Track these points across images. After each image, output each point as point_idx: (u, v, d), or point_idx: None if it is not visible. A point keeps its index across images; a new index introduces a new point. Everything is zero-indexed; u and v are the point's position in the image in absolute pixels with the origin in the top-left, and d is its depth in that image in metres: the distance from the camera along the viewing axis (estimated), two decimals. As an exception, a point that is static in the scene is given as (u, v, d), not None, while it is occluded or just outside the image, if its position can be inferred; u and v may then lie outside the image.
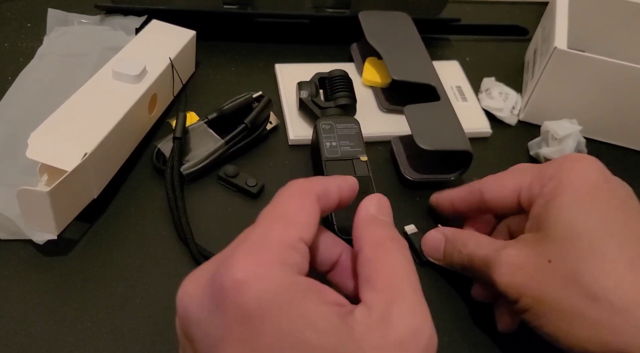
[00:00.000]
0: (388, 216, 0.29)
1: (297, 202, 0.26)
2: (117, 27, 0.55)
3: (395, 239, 0.28)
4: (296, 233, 0.25)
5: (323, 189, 0.28)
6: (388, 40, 0.53)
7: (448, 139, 0.45)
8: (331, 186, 0.29)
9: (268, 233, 0.25)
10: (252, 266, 0.23)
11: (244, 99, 0.48)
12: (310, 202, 0.27)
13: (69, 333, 0.36)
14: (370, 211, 0.29)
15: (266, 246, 0.24)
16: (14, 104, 0.47)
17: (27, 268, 0.39)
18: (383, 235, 0.28)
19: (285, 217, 0.25)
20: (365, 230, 0.28)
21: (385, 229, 0.28)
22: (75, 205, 0.39)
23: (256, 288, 0.22)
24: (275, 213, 0.26)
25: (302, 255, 0.25)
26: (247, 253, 0.23)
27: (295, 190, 0.27)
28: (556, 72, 0.50)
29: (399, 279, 0.26)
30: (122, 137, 0.43)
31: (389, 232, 0.28)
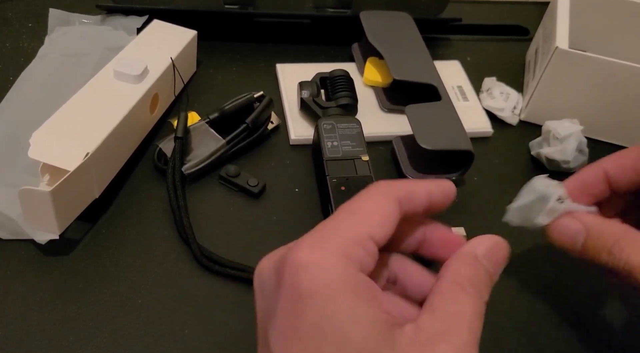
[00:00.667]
0: (493, 264, 0.27)
1: (374, 201, 0.26)
2: (118, 27, 0.55)
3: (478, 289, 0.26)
4: (366, 230, 0.25)
5: (407, 192, 0.27)
6: (389, 40, 0.53)
7: (449, 139, 0.45)
8: (418, 190, 0.27)
9: (338, 225, 0.25)
10: (314, 253, 0.24)
11: (245, 98, 0.48)
12: (388, 204, 0.26)
13: (70, 332, 0.36)
14: (476, 250, 0.27)
15: (333, 237, 0.25)
16: (16, 103, 0.47)
17: (29, 268, 0.39)
18: (469, 278, 0.26)
19: (359, 213, 0.26)
20: (459, 264, 0.27)
21: (475, 274, 0.26)
22: (76, 205, 0.39)
23: (311, 273, 0.23)
24: (350, 208, 0.26)
25: (368, 253, 0.25)
26: (314, 240, 0.25)
27: (377, 190, 0.27)
28: (557, 72, 0.50)
29: (462, 319, 0.25)
30: (123, 137, 0.43)
31: (476, 279, 0.26)
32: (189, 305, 0.38)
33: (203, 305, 0.38)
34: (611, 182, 0.33)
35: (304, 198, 0.45)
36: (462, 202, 0.46)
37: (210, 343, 0.36)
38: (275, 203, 0.45)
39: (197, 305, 0.38)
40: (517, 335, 0.38)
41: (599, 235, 0.32)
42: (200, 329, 0.37)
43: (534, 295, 0.41)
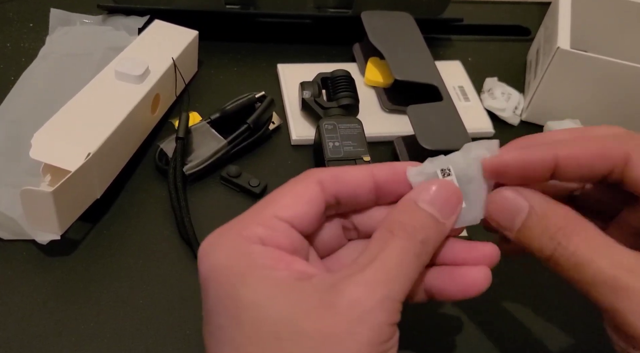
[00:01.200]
0: (441, 209, 0.26)
1: (289, 185, 0.27)
2: (119, 27, 0.55)
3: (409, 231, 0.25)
4: (270, 211, 0.26)
5: (333, 175, 0.27)
6: (390, 40, 0.53)
7: (451, 139, 0.45)
8: (351, 171, 0.27)
9: (248, 212, 0.27)
10: (213, 238, 0.26)
11: (246, 99, 0.48)
12: (303, 185, 0.27)
13: (71, 333, 0.36)
14: (417, 197, 0.26)
15: (237, 222, 0.26)
16: (17, 104, 0.47)
17: (30, 268, 0.39)
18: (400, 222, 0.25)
19: (268, 199, 0.27)
20: (395, 211, 0.26)
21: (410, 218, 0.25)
22: (78, 205, 0.39)
23: (210, 257, 0.25)
24: (264, 198, 0.27)
25: (272, 230, 0.25)
26: (218, 229, 0.26)
27: (297, 177, 0.28)
28: (559, 72, 0.50)
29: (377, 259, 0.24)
30: (125, 137, 0.43)
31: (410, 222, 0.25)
32: (190, 305, 0.38)
33: (204, 306, 0.38)
34: (559, 172, 0.27)
35: (305, 198, 0.45)
36: (464, 203, 0.46)
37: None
38: (276, 204, 0.45)
39: (198, 305, 0.38)
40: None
41: (543, 216, 0.26)
42: (201, 329, 0.37)
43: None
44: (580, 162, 0.26)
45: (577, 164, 0.26)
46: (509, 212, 0.27)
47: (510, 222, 0.27)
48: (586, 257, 0.24)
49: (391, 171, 0.28)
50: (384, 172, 0.28)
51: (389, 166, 0.28)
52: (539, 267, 0.35)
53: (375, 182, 0.28)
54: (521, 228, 0.26)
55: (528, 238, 0.26)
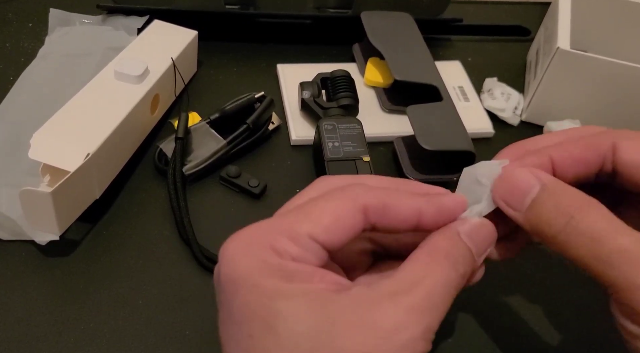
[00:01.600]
0: (476, 244, 0.26)
1: (334, 204, 0.25)
2: (119, 27, 0.55)
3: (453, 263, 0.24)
4: (307, 229, 0.24)
5: (381, 204, 0.25)
6: (390, 40, 0.53)
7: (450, 140, 0.45)
8: (400, 205, 0.25)
9: (280, 221, 0.25)
10: (242, 243, 0.24)
11: (246, 99, 0.48)
12: (348, 210, 0.25)
13: (70, 334, 0.36)
14: (458, 228, 0.26)
15: (268, 231, 0.25)
16: (16, 104, 0.47)
17: (29, 268, 0.39)
18: (444, 250, 0.25)
19: (309, 211, 0.25)
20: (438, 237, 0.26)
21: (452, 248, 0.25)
22: (77, 206, 0.39)
23: (236, 261, 0.24)
24: (304, 204, 0.25)
25: (304, 250, 0.24)
26: (248, 231, 0.25)
27: (344, 192, 0.25)
28: (559, 73, 0.50)
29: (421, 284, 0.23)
30: (124, 138, 0.43)
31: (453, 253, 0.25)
32: (189, 306, 0.38)
33: (204, 306, 0.38)
34: (556, 173, 0.28)
35: (304, 199, 0.45)
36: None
37: (211, 344, 0.36)
38: (276, 204, 0.44)
39: (197, 305, 0.38)
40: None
41: (555, 192, 0.26)
42: (201, 330, 0.37)
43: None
44: (575, 157, 0.27)
45: (572, 161, 0.27)
46: (520, 191, 0.26)
47: (520, 200, 0.26)
48: (604, 231, 0.24)
49: (439, 213, 0.26)
50: (431, 212, 0.26)
51: (438, 207, 0.26)
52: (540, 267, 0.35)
53: (419, 221, 0.26)
54: (531, 204, 0.26)
55: (537, 214, 0.26)
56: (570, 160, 0.27)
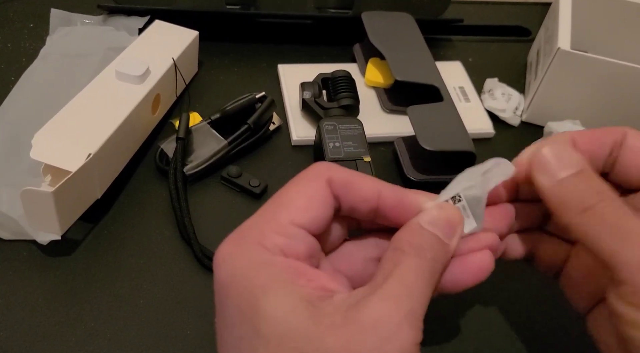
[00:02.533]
0: (442, 229, 0.26)
1: (300, 185, 0.26)
2: (120, 28, 0.55)
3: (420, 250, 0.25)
4: (286, 217, 0.25)
5: (344, 179, 0.26)
6: (391, 40, 0.53)
7: (451, 140, 0.45)
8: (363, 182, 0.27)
9: (260, 216, 0.26)
10: (231, 246, 0.25)
11: (246, 99, 0.48)
12: (315, 186, 0.26)
13: (72, 333, 0.36)
14: (419, 220, 0.27)
15: (251, 229, 0.26)
16: (17, 104, 0.47)
17: (31, 268, 0.39)
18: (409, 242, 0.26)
19: (282, 201, 0.26)
20: (401, 233, 0.26)
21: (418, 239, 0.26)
22: (78, 206, 0.39)
23: (228, 265, 0.25)
24: (276, 197, 0.27)
25: (290, 238, 0.25)
26: (235, 234, 0.26)
27: (305, 174, 0.27)
28: (559, 73, 0.50)
29: (394, 275, 0.24)
30: (125, 138, 0.43)
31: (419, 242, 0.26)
32: (190, 306, 0.38)
33: (205, 306, 0.38)
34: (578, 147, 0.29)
35: (305, 199, 0.45)
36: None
37: (212, 344, 0.36)
38: (276, 204, 0.45)
39: (198, 305, 0.38)
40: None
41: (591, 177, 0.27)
42: (202, 330, 0.37)
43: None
44: (591, 136, 0.29)
45: (589, 139, 0.29)
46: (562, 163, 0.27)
47: (556, 170, 0.27)
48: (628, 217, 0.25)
49: (398, 201, 0.27)
50: (390, 199, 0.27)
51: (397, 195, 0.27)
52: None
53: (379, 203, 0.27)
54: (566, 178, 0.27)
55: (569, 187, 0.27)
56: (589, 138, 0.29)
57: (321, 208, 0.26)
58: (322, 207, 0.26)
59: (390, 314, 0.22)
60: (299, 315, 0.23)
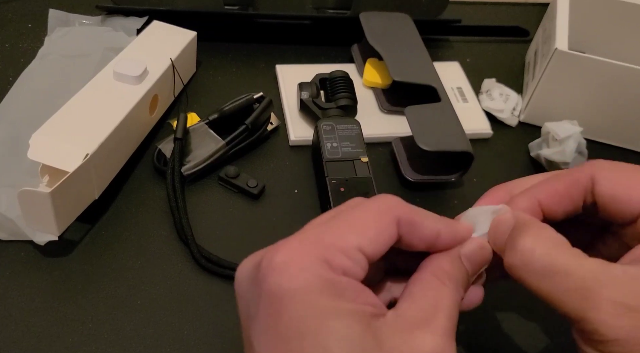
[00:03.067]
0: (472, 266, 0.28)
1: (373, 215, 0.26)
2: (118, 28, 0.55)
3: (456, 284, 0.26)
4: (356, 241, 0.25)
5: (411, 218, 0.27)
6: (389, 41, 0.53)
7: (449, 140, 0.45)
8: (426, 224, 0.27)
9: (327, 230, 0.25)
10: (295, 254, 0.24)
11: (244, 99, 0.48)
12: (387, 221, 0.26)
13: (69, 334, 0.36)
14: (460, 249, 0.28)
15: (316, 241, 0.25)
16: (15, 104, 0.47)
17: (28, 268, 0.39)
18: (448, 273, 0.27)
19: (354, 223, 0.26)
20: (439, 259, 0.27)
21: (455, 271, 0.27)
22: (76, 206, 0.39)
23: (289, 273, 0.24)
24: (347, 216, 0.26)
25: (353, 263, 0.25)
26: (297, 242, 0.25)
27: (378, 205, 0.27)
28: (557, 73, 0.50)
29: (440, 307, 0.25)
30: (123, 138, 0.43)
31: (455, 275, 0.27)
32: (188, 306, 0.38)
33: (202, 306, 0.38)
34: (545, 213, 0.30)
35: (303, 199, 0.45)
36: (461, 204, 0.46)
37: (209, 344, 0.36)
38: (274, 205, 0.45)
39: (196, 306, 0.38)
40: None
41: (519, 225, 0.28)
42: (199, 330, 0.37)
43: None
44: (560, 194, 0.29)
45: (559, 198, 0.29)
46: (502, 231, 0.28)
47: (502, 239, 0.28)
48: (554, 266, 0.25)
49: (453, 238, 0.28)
50: (448, 236, 0.28)
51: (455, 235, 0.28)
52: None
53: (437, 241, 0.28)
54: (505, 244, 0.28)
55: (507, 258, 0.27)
56: (557, 197, 0.29)
57: (386, 243, 0.26)
58: (387, 242, 0.26)
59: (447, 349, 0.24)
60: (364, 335, 0.23)
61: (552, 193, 0.29)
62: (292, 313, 0.23)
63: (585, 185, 0.29)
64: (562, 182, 0.29)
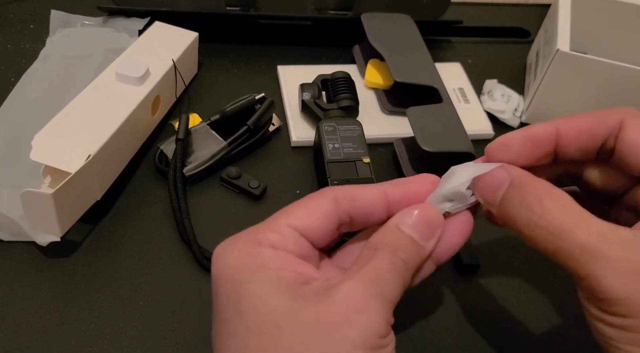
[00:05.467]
0: (420, 234, 0.27)
1: (303, 200, 0.28)
2: (120, 29, 0.55)
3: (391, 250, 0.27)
4: (284, 220, 0.27)
5: (347, 194, 0.28)
6: (390, 42, 0.53)
7: (450, 141, 0.45)
8: (364, 192, 0.28)
9: (262, 223, 0.28)
10: (226, 243, 0.27)
11: (246, 100, 0.48)
12: (318, 201, 0.28)
13: (71, 334, 0.36)
14: (398, 222, 0.28)
15: (252, 230, 0.28)
16: (17, 105, 0.47)
17: (30, 269, 0.39)
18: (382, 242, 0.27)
19: (283, 210, 0.28)
20: (378, 234, 0.28)
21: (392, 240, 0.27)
22: (78, 207, 0.40)
23: (224, 259, 0.26)
24: (284, 208, 0.28)
25: (283, 237, 0.27)
26: (233, 235, 0.28)
27: (314, 193, 0.29)
28: (558, 74, 0.50)
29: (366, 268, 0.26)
30: (125, 139, 0.43)
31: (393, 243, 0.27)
32: (190, 307, 0.38)
33: (204, 307, 0.38)
34: (561, 144, 0.29)
35: (305, 200, 0.45)
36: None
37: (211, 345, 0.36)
38: (276, 205, 0.44)
39: (198, 306, 0.38)
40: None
41: (521, 186, 0.27)
42: (201, 331, 0.37)
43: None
44: (581, 128, 0.28)
45: (578, 132, 0.28)
46: (493, 186, 0.28)
47: (493, 195, 0.28)
48: (563, 226, 0.25)
49: (404, 192, 0.29)
50: (396, 193, 0.29)
51: (402, 187, 0.29)
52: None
53: (388, 202, 0.29)
54: (502, 200, 0.27)
55: (506, 208, 0.27)
56: (576, 131, 0.28)
57: (319, 219, 0.27)
58: (323, 218, 0.27)
59: (359, 291, 0.25)
60: (278, 295, 0.25)
61: (574, 126, 0.29)
62: (220, 290, 0.26)
63: (611, 127, 0.28)
64: (587, 119, 0.29)
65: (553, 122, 0.29)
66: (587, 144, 0.29)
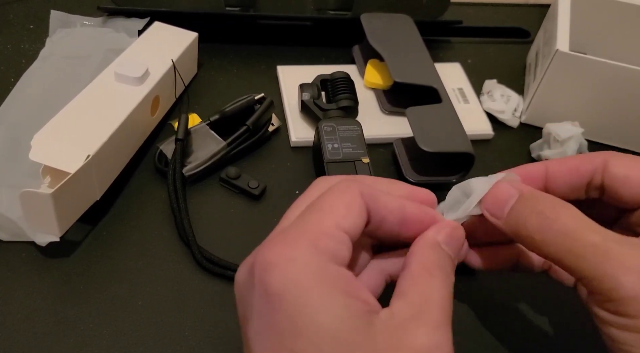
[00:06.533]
0: (453, 250, 0.28)
1: (337, 195, 0.27)
2: (119, 29, 0.55)
3: (445, 272, 0.27)
4: (332, 220, 0.25)
5: (369, 192, 0.27)
6: (390, 42, 0.53)
7: (450, 141, 0.45)
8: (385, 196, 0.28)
9: (303, 220, 0.26)
10: (282, 249, 0.24)
11: (246, 100, 0.48)
12: (350, 196, 0.26)
13: (70, 334, 0.36)
14: (437, 237, 0.28)
15: (299, 231, 0.25)
16: (17, 106, 0.47)
17: (30, 269, 0.39)
18: (435, 263, 0.27)
19: (322, 208, 0.26)
20: (423, 251, 0.28)
21: (440, 259, 0.27)
22: (77, 207, 0.40)
23: (281, 269, 0.24)
24: (314, 204, 0.27)
25: (338, 242, 0.25)
26: (281, 237, 0.25)
27: (336, 187, 0.27)
28: (558, 75, 0.50)
29: (432, 301, 0.25)
30: (124, 139, 0.43)
31: (442, 263, 0.27)
32: (189, 307, 0.38)
33: (203, 307, 0.38)
34: (550, 181, 0.31)
35: (304, 200, 0.45)
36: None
37: (211, 345, 0.36)
38: (275, 206, 0.45)
39: (197, 307, 0.38)
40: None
41: (531, 197, 0.28)
42: (200, 331, 0.37)
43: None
44: (568, 166, 0.31)
45: (566, 170, 0.31)
46: (501, 200, 0.29)
47: (501, 208, 0.29)
48: (576, 229, 0.26)
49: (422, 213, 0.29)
50: (415, 211, 0.28)
51: (421, 207, 0.29)
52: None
53: (404, 217, 0.28)
54: (510, 211, 0.28)
55: (515, 218, 0.28)
56: (565, 169, 0.31)
57: (358, 215, 0.26)
58: (359, 214, 0.26)
59: (443, 341, 0.24)
60: (356, 331, 0.23)
61: (562, 164, 0.31)
62: (285, 310, 0.23)
63: (597, 165, 0.30)
64: (574, 159, 0.31)
65: (543, 162, 0.32)
66: (575, 181, 0.31)
